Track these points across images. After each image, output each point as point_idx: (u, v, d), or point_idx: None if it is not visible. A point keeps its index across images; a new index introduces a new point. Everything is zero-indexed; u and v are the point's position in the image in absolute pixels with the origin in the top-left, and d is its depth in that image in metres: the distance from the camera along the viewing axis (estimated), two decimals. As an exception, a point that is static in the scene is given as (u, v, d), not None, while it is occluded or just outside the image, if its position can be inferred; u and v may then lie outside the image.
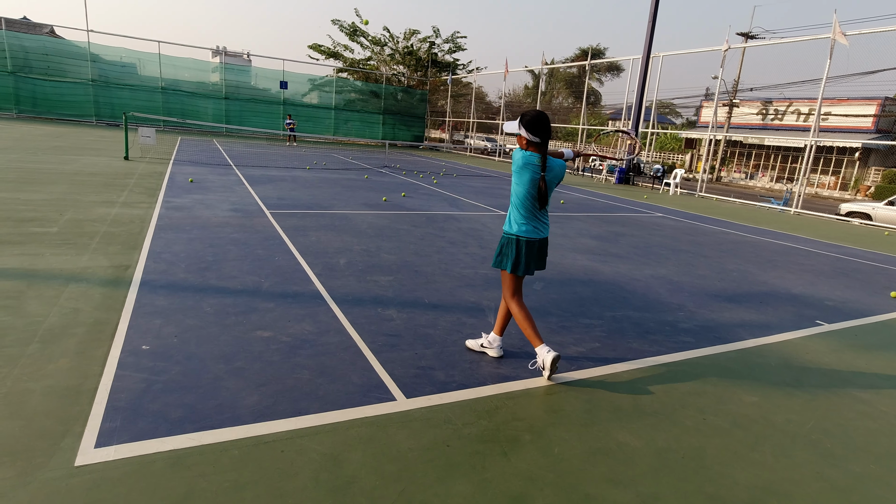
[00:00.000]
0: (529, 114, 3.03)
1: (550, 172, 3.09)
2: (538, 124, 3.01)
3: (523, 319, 3.22)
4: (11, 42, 25.42)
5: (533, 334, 3.20)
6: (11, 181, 8.35)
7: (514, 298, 3.29)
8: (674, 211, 13.31)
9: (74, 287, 4.07)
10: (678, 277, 6.15)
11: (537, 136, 3.02)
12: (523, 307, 3.27)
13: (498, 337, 3.48)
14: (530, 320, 3.23)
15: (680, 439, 2.72)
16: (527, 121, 3.01)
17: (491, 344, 3.50)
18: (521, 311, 3.24)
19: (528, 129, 3.01)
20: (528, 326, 3.21)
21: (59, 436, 2.29)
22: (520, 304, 3.28)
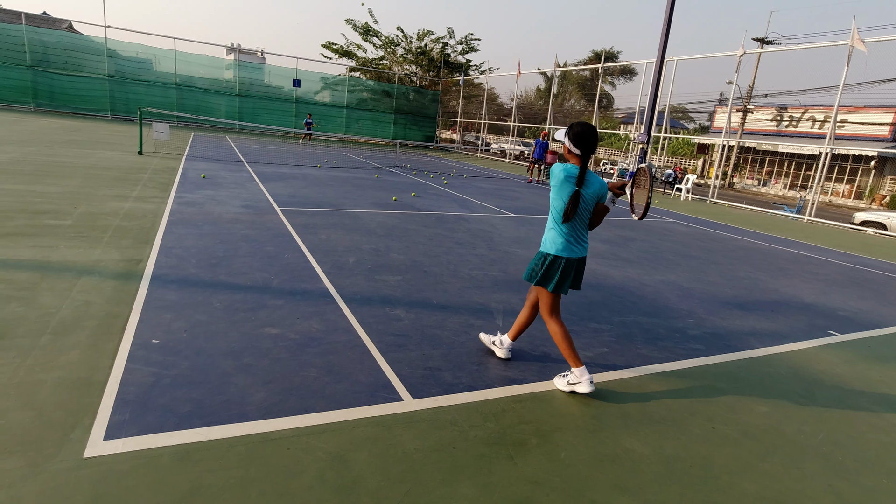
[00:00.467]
0: (578, 126, 3.03)
1: (589, 188, 3.02)
2: (583, 138, 2.98)
3: (562, 339, 3.12)
4: (31, 37, 25.77)
5: (572, 354, 3.11)
6: (28, 174, 8.46)
7: (552, 317, 3.18)
8: (685, 216, 13.21)
9: (87, 280, 4.11)
10: (688, 283, 6.10)
11: (578, 149, 3.00)
12: (562, 326, 3.16)
13: (510, 341, 3.46)
14: (569, 340, 3.13)
15: (688, 447, 2.69)
16: (574, 133, 3.00)
17: (501, 345, 3.48)
18: (560, 330, 3.13)
19: (573, 140, 2.99)
20: (567, 346, 3.11)
21: (69, 427, 2.32)
22: (558, 323, 3.16)
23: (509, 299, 4.77)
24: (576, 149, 3.00)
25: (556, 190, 3.04)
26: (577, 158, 3.03)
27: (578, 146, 2.99)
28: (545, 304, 3.18)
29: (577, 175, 2.99)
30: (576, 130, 3.00)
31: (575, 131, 3.00)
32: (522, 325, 3.40)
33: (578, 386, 3.10)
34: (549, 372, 3.39)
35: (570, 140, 3.01)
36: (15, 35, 25.64)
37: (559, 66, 30.32)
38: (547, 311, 3.19)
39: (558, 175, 3.01)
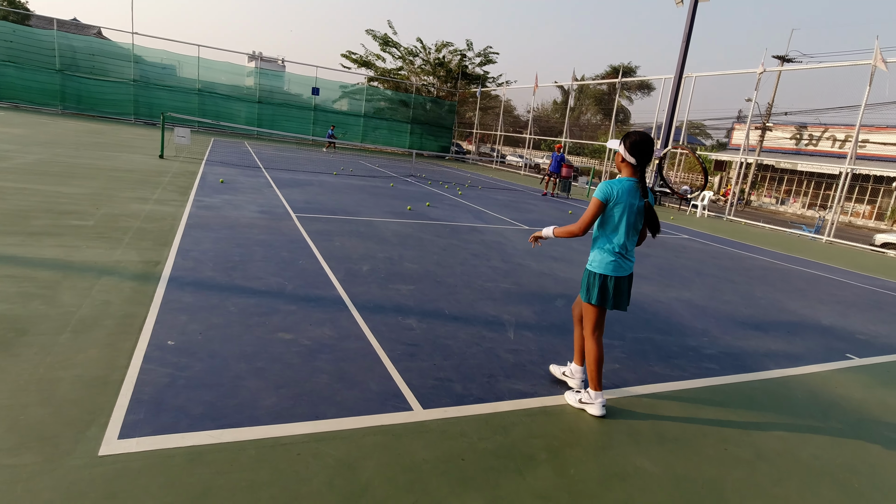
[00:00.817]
0: (635, 135, 2.96)
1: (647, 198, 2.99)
2: (639, 147, 2.92)
3: (595, 360, 3.04)
4: (61, 42, 26.52)
5: (596, 378, 3.05)
6: (54, 174, 8.67)
7: (594, 335, 3.08)
8: (701, 233, 13.09)
9: (107, 280, 4.19)
10: (703, 302, 6.04)
11: (633, 158, 2.94)
12: (600, 348, 3.07)
13: (580, 368, 3.32)
14: (601, 364, 3.06)
15: (700, 468, 2.66)
16: (631, 142, 2.94)
17: (573, 374, 3.35)
18: (597, 352, 3.05)
19: (630, 149, 2.93)
20: (596, 369, 3.04)
21: (85, 425, 2.36)
22: (598, 344, 3.07)
23: (521, 312, 4.76)
24: (631, 158, 2.94)
25: (615, 206, 2.93)
26: (631, 168, 2.98)
27: (634, 155, 2.93)
28: (590, 320, 3.08)
29: (634, 187, 2.93)
30: (633, 139, 2.94)
31: (632, 140, 2.94)
32: (582, 345, 3.27)
33: (590, 407, 3.07)
34: (559, 387, 3.37)
35: (625, 149, 2.95)
36: (46, 40, 26.41)
37: (576, 79, 30.38)
38: (590, 327, 3.08)
39: (610, 191, 2.91)
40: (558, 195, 18.21)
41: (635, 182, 2.96)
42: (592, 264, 3.07)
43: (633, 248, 3.09)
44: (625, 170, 3.01)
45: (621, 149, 2.98)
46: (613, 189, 2.92)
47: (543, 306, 5.03)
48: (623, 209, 2.93)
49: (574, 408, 3.12)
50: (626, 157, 2.96)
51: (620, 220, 2.95)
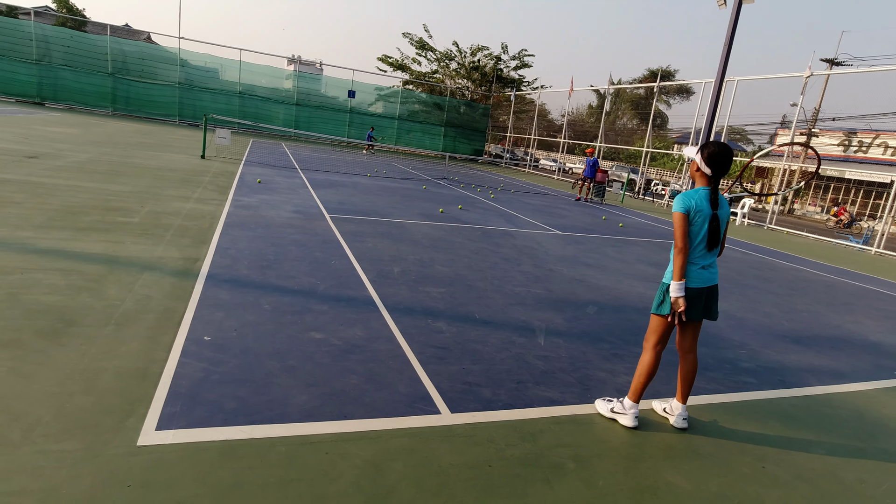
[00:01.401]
0: (714, 145, 2.87)
1: (721, 209, 2.91)
2: (716, 159, 2.83)
3: (645, 372, 2.94)
4: (113, 47, 27.80)
5: (639, 390, 2.97)
6: (103, 173, 9.07)
7: (654, 347, 2.97)
8: (740, 242, 12.67)
9: (149, 275, 4.34)
10: (741, 314, 5.84)
11: (710, 169, 2.86)
12: (656, 362, 2.96)
13: (681, 406, 3.09)
14: (650, 378, 2.96)
15: (735, 486, 2.57)
16: (708, 152, 2.86)
17: (672, 411, 3.15)
18: (651, 364, 2.94)
19: (707, 160, 2.86)
20: (643, 382, 2.95)
21: (125, 415, 2.45)
22: (654, 357, 2.96)
23: (552, 318, 4.71)
24: (707, 169, 2.87)
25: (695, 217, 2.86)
26: (706, 179, 2.90)
27: (711, 166, 2.85)
28: (654, 331, 2.98)
29: (706, 198, 2.86)
30: (711, 150, 2.85)
31: (710, 151, 2.85)
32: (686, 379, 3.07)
33: (622, 417, 2.99)
34: (590, 395, 3.32)
35: (703, 159, 2.88)
36: (100, 45, 27.70)
37: (613, 83, 29.91)
38: (653, 339, 2.98)
39: (689, 202, 2.84)
40: (591, 200, 17.95)
41: (709, 192, 2.88)
42: (667, 276, 2.97)
43: (713, 259, 2.98)
44: (699, 180, 2.93)
45: (698, 158, 2.90)
46: (692, 199, 2.86)
47: (575, 313, 4.96)
48: (702, 219, 2.86)
49: (605, 418, 3.06)
50: (701, 167, 2.89)
51: (699, 231, 2.88)
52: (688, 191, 2.91)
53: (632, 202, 20.79)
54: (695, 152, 2.94)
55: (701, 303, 2.92)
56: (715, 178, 2.87)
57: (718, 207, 2.89)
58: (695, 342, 3.07)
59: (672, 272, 2.91)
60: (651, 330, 3.01)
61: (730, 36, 18.25)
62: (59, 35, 27.65)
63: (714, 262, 2.99)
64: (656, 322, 2.98)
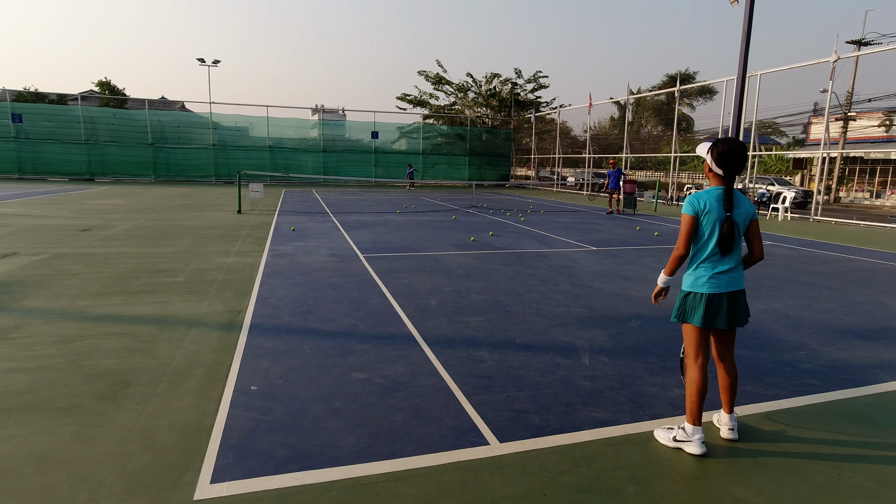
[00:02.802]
0: (723, 143, 2.76)
1: (738, 208, 2.75)
2: (725, 158, 2.71)
3: (697, 390, 2.77)
4: (152, 119, 29.70)
5: (695, 410, 2.77)
6: (150, 237, 9.55)
7: (696, 361, 2.80)
8: (785, 238, 12.16)
9: (196, 331, 4.50)
10: (796, 312, 5.56)
11: (720, 168, 2.74)
12: (703, 376, 2.78)
13: (728, 416, 2.95)
14: (703, 395, 2.78)
15: (812, 499, 2.40)
16: (718, 151, 2.74)
17: (718, 423, 3.03)
18: (699, 380, 2.77)
19: (717, 159, 2.74)
20: (697, 400, 2.76)
21: (181, 470, 2.51)
22: (700, 371, 2.79)
23: (595, 336, 4.60)
24: (718, 169, 2.75)
25: (705, 218, 2.76)
26: (720, 179, 2.77)
27: (721, 165, 2.73)
28: (688, 343, 2.85)
29: (717, 199, 2.73)
30: (720, 149, 2.73)
31: (719, 149, 2.73)
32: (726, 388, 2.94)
33: (688, 445, 2.77)
34: (641, 413, 3.20)
35: (712, 159, 2.76)
36: (139, 119, 29.62)
37: (632, 93, 29.74)
38: (692, 353, 2.83)
39: (698, 203, 2.75)
40: (624, 212, 17.65)
41: (722, 192, 2.75)
42: (685, 283, 2.88)
43: (733, 264, 2.79)
44: (713, 179, 2.82)
45: (708, 158, 2.78)
46: (701, 201, 2.75)
47: (618, 329, 4.84)
48: (712, 221, 2.74)
49: (649, 431, 2.92)
50: (713, 168, 2.77)
51: (711, 234, 2.76)
52: (699, 192, 2.81)
53: (665, 209, 20.34)
54: (705, 151, 2.82)
55: (723, 309, 2.75)
56: (728, 177, 2.75)
57: (734, 208, 2.73)
58: (728, 350, 2.91)
59: (687, 275, 2.85)
60: (687, 343, 2.87)
61: (746, 31, 17.99)
62: (103, 115, 29.75)
63: (737, 266, 2.81)
64: (686, 332, 2.86)
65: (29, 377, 3.49)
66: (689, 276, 2.87)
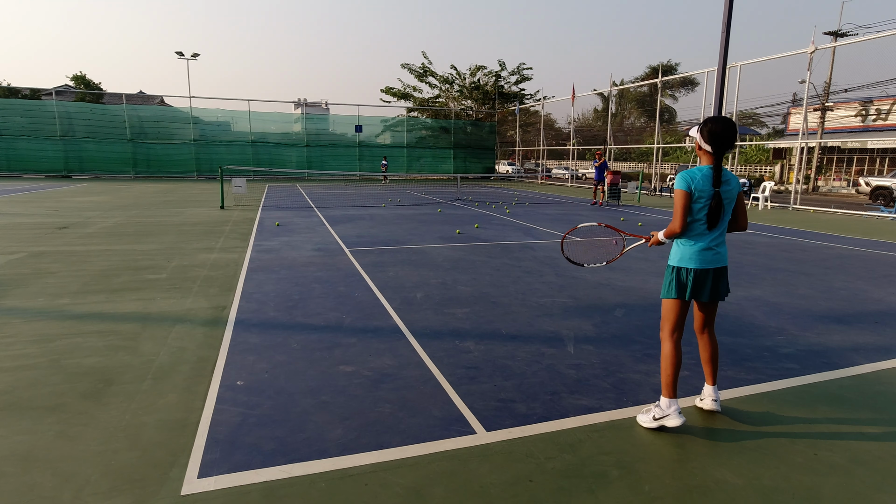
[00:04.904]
0: (711, 122, 2.86)
1: (727, 186, 2.84)
2: (714, 135, 2.80)
3: (671, 364, 2.88)
4: (130, 114, 29.10)
5: (670, 383, 2.87)
6: (131, 234, 9.40)
7: (671, 336, 2.92)
8: (765, 227, 12.38)
9: (180, 327, 4.46)
10: (775, 298, 5.68)
11: (710, 146, 2.83)
12: (677, 350, 2.89)
13: (710, 388, 3.10)
14: (678, 368, 2.88)
15: (789, 478, 2.47)
16: (707, 129, 2.84)
17: (703, 395, 3.16)
18: (674, 355, 2.88)
19: (707, 137, 2.83)
20: (673, 374, 2.87)
21: (168, 466, 2.50)
22: (675, 345, 2.90)
23: (580, 325, 4.66)
24: (707, 146, 2.84)
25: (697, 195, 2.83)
26: (710, 156, 2.86)
27: (711, 143, 2.82)
28: (666, 318, 2.95)
29: (710, 175, 2.80)
30: (710, 127, 2.83)
31: (709, 128, 2.83)
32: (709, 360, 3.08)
33: (666, 419, 2.85)
34: (625, 399, 3.26)
35: (702, 137, 2.86)
36: (117, 114, 29.02)
37: (615, 84, 29.90)
38: (668, 328, 2.93)
39: (690, 179, 2.82)
40: (608, 203, 17.80)
41: (711, 169, 2.83)
42: (672, 258, 2.96)
43: (720, 239, 2.91)
44: (704, 158, 2.91)
45: (698, 136, 2.88)
46: (695, 177, 2.83)
47: (603, 318, 4.90)
48: (702, 197, 2.82)
49: (633, 417, 2.97)
50: (703, 146, 2.86)
51: (700, 210, 2.84)
52: (690, 168, 2.88)
53: (649, 200, 20.55)
54: (696, 131, 2.93)
55: (708, 284, 2.89)
56: (717, 154, 2.84)
57: (722, 185, 2.82)
58: (710, 322, 3.06)
59: (674, 250, 2.94)
60: (664, 317, 2.96)
61: (726, 22, 18.16)
62: (79, 110, 29.09)
63: (721, 241, 2.92)
64: (667, 307, 2.95)
65: (9, 377, 3.43)
66: (678, 251, 2.94)
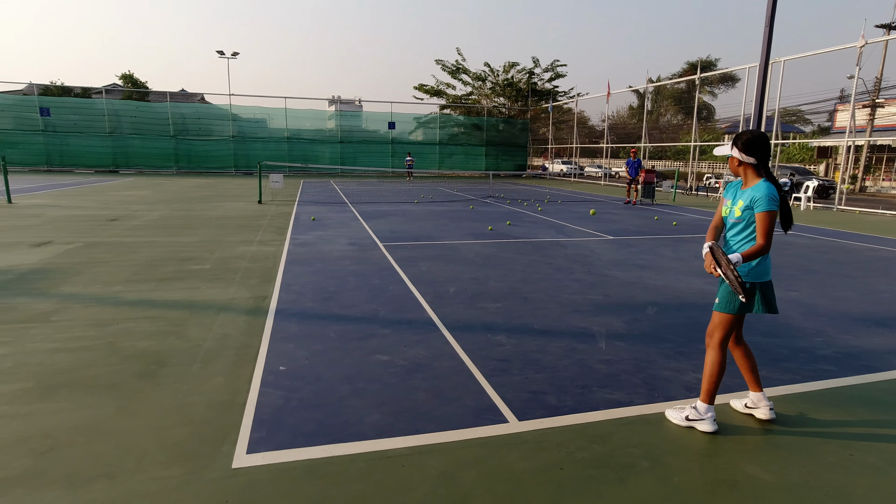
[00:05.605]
0: (745, 134, 2.80)
1: None
2: (757, 143, 2.75)
3: (717, 373, 2.83)
4: (174, 111, 30.20)
5: (711, 390, 2.85)
6: (174, 227, 9.82)
7: (719, 346, 2.86)
8: (806, 227, 12.01)
9: (224, 315, 4.69)
10: (813, 300, 5.56)
11: (753, 157, 2.77)
12: (724, 361, 2.85)
13: (760, 394, 3.00)
14: (721, 377, 2.85)
15: (820, 477, 2.48)
16: (743, 142, 2.77)
17: (756, 403, 3.03)
18: (721, 364, 2.83)
19: (745, 149, 2.77)
20: (714, 381, 2.84)
21: (218, 442, 2.68)
22: (723, 356, 2.85)
23: (611, 322, 4.68)
24: (750, 158, 2.76)
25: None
26: (754, 169, 2.78)
27: (753, 154, 2.75)
28: (721, 327, 2.86)
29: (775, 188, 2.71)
30: (745, 138, 2.76)
31: (744, 139, 2.76)
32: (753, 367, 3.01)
33: (700, 423, 2.85)
34: (656, 395, 3.29)
35: (740, 150, 2.78)
36: (161, 112, 30.14)
37: (651, 81, 29.33)
38: (718, 339, 2.86)
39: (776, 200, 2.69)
40: (641, 202, 17.53)
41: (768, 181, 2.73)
42: (752, 275, 2.80)
43: None
44: (749, 174, 2.80)
45: (735, 152, 2.78)
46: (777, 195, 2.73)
47: (634, 315, 4.91)
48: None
49: (662, 412, 3.01)
50: (744, 160, 2.78)
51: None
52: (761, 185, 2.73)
53: (685, 199, 20.14)
54: (730, 148, 2.84)
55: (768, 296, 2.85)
56: (763, 163, 2.78)
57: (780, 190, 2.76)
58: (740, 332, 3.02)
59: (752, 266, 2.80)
60: (718, 328, 2.85)
61: (770, 16, 17.61)
62: (126, 108, 30.35)
63: None
64: (728, 320, 2.83)
65: (71, 357, 3.70)
66: (758, 266, 2.81)
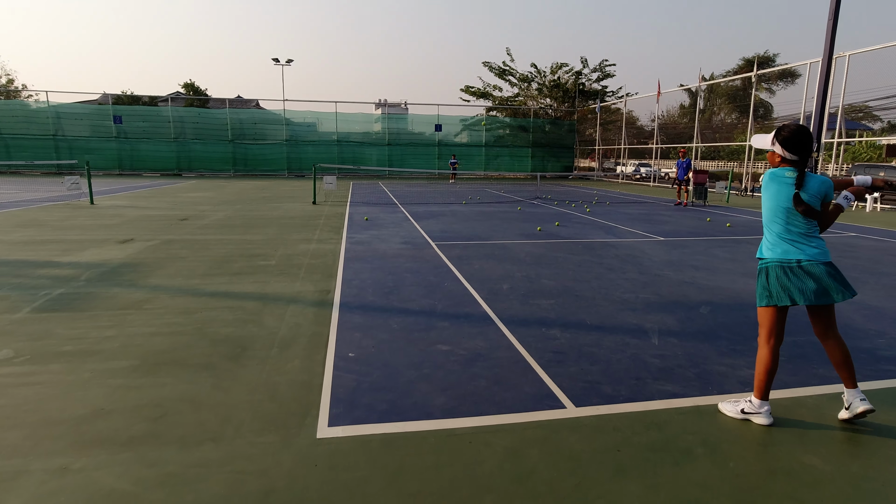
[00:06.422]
0: (787, 128, 2.78)
1: (808, 191, 2.75)
2: (798, 138, 2.74)
3: (766, 369, 2.86)
4: (232, 117, 31.77)
5: (763, 387, 2.89)
6: (240, 226, 10.45)
7: (767, 343, 2.88)
8: (872, 230, 11.47)
9: (294, 307, 5.06)
10: (877, 302, 5.42)
11: (794, 155, 2.76)
12: (774, 357, 2.86)
13: (851, 391, 2.90)
14: (773, 374, 2.87)
15: (880, 469, 2.53)
16: (783, 136, 2.76)
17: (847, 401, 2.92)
18: (769, 361, 2.86)
19: (784, 144, 2.77)
20: (766, 378, 2.87)
21: (302, 416, 2.98)
22: (770, 353, 2.86)
23: (664, 320, 4.75)
24: (792, 154, 2.76)
25: (765, 191, 2.85)
26: (794, 165, 2.80)
27: (794, 151, 2.76)
28: (762, 323, 2.92)
29: (790, 175, 2.76)
30: (785, 133, 2.77)
31: (784, 134, 2.77)
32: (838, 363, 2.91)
33: (756, 416, 2.92)
34: (711, 388, 3.38)
35: (780, 146, 2.79)
36: (220, 118, 31.74)
37: (704, 79, 28.48)
38: (764, 333, 2.89)
39: (766, 179, 2.84)
40: (693, 203, 17.13)
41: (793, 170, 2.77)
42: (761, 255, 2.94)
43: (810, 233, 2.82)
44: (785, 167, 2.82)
45: (777, 148, 2.80)
46: None
47: (687, 314, 4.96)
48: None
49: (717, 403, 3.09)
50: (785, 156, 2.78)
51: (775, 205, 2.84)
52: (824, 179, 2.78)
53: (739, 200, 19.51)
54: (769, 142, 2.85)
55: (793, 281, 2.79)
56: (803, 160, 2.78)
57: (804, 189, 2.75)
58: (828, 327, 2.87)
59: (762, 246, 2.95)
60: (761, 323, 2.94)
61: (834, 8, 16.88)
62: (189, 114, 32.16)
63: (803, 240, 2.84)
64: (762, 314, 2.91)
65: (168, 340, 4.13)
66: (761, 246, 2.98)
